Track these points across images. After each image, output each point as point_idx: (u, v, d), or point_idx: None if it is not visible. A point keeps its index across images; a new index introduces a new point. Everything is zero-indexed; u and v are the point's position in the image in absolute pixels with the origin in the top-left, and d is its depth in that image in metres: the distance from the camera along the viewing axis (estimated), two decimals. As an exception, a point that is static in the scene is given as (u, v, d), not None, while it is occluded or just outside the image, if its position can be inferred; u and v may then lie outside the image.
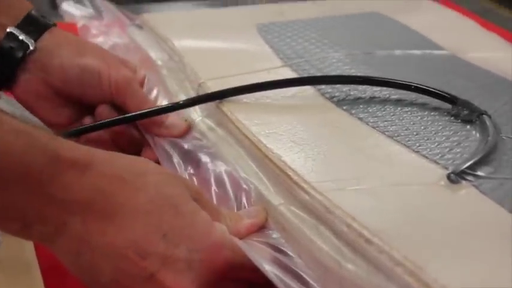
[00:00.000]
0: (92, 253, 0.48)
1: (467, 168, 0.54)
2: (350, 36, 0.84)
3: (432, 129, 0.62)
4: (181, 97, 0.72)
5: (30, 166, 0.45)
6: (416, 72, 0.74)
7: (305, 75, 0.73)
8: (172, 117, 0.68)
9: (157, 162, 0.64)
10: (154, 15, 0.87)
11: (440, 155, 0.57)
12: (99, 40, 0.86)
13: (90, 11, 0.94)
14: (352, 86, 0.69)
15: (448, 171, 0.54)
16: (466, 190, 0.53)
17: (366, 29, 0.87)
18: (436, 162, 0.56)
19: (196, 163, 0.64)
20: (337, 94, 0.68)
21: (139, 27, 0.87)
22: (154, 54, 0.80)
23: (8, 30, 0.68)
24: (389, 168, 0.56)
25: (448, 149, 0.58)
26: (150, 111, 0.67)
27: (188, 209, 0.51)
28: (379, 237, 0.46)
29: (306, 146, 0.59)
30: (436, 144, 0.59)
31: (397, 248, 0.45)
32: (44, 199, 0.46)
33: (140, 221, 0.49)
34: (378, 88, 0.68)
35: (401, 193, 0.53)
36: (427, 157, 0.57)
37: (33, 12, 0.70)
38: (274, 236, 0.54)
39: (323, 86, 0.69)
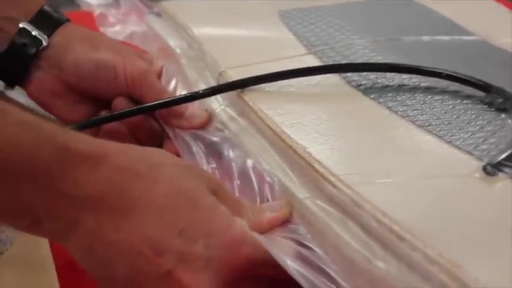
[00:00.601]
0: (106, 250, 0.46)
1: (504, 159, 0.51)
2: (375, 22, 0.81)
3: (465, 118, 0.58)
4: (201, 86, 0.69)
5: (38, 160, 0.43)
6: (446, 59, 0.71)
7: (330, 62, 0.70)
8: (193, 108, 0.66)
9: (178, 156, 0.62)
10: (174, 3, 0.84)
11: (474, 146, 0.54)
12: (117, 29, 0.84)
13: (107, -1, 0.91)
14: (380, 73, 0.66)
15: (483, 163, 0.51)
16: (503, 183, 0.50)
17: (392, 14, 0.84)
18: (470, 153, 0.53)
19: (219, 155, 0.62)
20: (364, 82, 0.65)
21: (158, 15, 0.84)
22: (173, 42, 0.77)
23: (20, 25, 0.66)
24: (421, 160, 0.53)
25: (482, 139, 0.55)
26: (169, 101, 0.65)
27: (206, 203, 0.48)
28: (411, 234, 0.44)
29: (332, 136, 0.56)
30: (470, 134, 0.56)
31: (432, 245, 0.42)
32: (54, 195, 0.44)
33: (155, 216, 0.47)
34: (407, 76, 0.65)
35: (434, 186, 0.50)
36: (460, 148, 0.54)
37: (46, 7, 0.68)
38: (299, 230, 0.52)
39: (349, 74, 0.67)
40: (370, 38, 0.75)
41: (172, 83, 0.72)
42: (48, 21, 0.67)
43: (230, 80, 0.65)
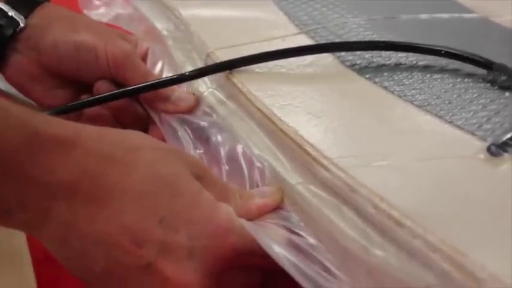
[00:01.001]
0: (81, 241, 0.43)
1: (510, 139, 0.48)
2: (371, 0, 0.77)
3: (466, 97, 0.55)
4: (188, 69, 0.65)
5: (6, 145, 0.40)
6: (445, 37, 0.67)
7: (323, 42, 0.66)
8: (179, 91, 0.63)
9: (165, 141, 0.59)
10: (160, -16, 0.80)
11: (477, 125, 0.51)
12: (101, 11, 0.81)
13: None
14: (375, 52, 0.62)
15: (487, 143, 0.48)
16: (509, 164, 0.47)
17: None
18: (472, 133, 0.50)
19: (206, 140, 0.58)
20: (358, 62, 0.62)
21: (144, -5, 0.80)
22: (160, 24, 0.74)
23: None
24: (420, 141, 0.50)
25: (485, 119, 0.52)
26: (154, 83, 0.62)
27: (188, 188, 0.45)
28: (411, 219, 0.40)
29: (325, 118, 0.53)
30: (472, 113, 0.53)
31: (433, 231, 0.39)
32: (23, 182, 0.41)
33: (133, 204, 0.43)
34: (404, 54, 0.62)
35: (435, 168, 0.46)
36: (462, 128, 0.51)
37: None
38: (291, 218, 0.48)
39: (343, 53, 0.63)
40: (365, 16, 0.71)
41: (158, 66, 0.69)
42: (25, 1, 0.63)
43: (218, 61, 0.62)
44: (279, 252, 0.43)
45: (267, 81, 0.59)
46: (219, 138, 0.57)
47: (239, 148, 0.55)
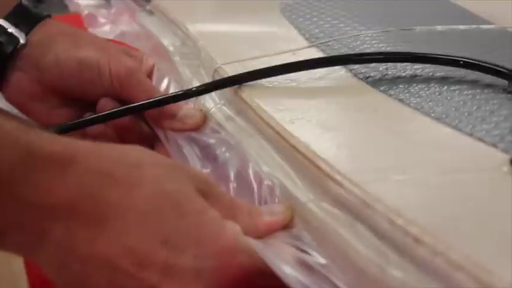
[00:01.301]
0: (81, 265, 0.41)
1: (534, 150, 0.45)
2: (384, 12, 0.75)
3: (487, 108, 0.52)
4: (196, 85, 0.63)
5: None
6: (462, 48, 0.64)
7: (335, 55, 0.63)
8: (186, 108, 0.60)
9: (171, 160, 0.56)
10: (167, 0, 0.78)
11: (499, 137, 0.48)
12: (106, 29, 0.79)
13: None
14: (390, 64, 0.60)
15: (510, 156, 0.45)
16: (534, 176, 0.43)
17: (401, 4, 0.78)
18: (494, 145, 0.47)
19: (214, 158, 0.56)
20: (372, 74, 0.59)
21: (150, 13, 0.79)
22: (166, 40, 0.72)
23: None
24: (439, 155, 0.47)
25: (508, 130, 0.49)
26: (159, 99, 0.59)
27: (194, 207, 0.42)
28: (431, 236, 0.37)
29: (339, 132, 0.51)
30: (493, 125, 0.50)
31: (456, 248, 0.36)
32: (18, 203, 0.39)
33: (136, 224, 0.41)
34: (420, 66, 0.59)
35: (456, 182, 0.43)
36: (483, 140, 0.48)
37: (23, 2, 0.62)
38: (302, 237, 0.45)
39: (355, 66, 0.60)
40: (378, 28, 0.69)
41: (165, 82, 0.66)
42: (26, 18, 0.61)
43: (226, 76, 0.60)
44: (289, 272, 0.40)
45: (277, 95, 0.57)
46: (227, 155, 0.55)
47: (248, 165, 0.52)
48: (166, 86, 0.66)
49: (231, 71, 0.60)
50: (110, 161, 0.42)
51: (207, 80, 0.63)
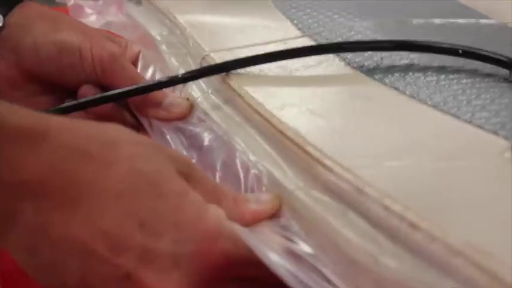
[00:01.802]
0: (52, 250, 0.38)
1: (538, 136, 0.42)
2: (379, 5, 0.72)
3: (487, 96, 0.50)
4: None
5: None
6: (461, 41, 0.61)
7: (328, 43, 0.61)
8: (172, 96, 0.58)
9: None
10: (155, -10, 0.76)
11: (500, 125, 0.45)
12: (92, 19, 0.76)
13: (85, -11, 0.84)
14: (385, 53, 0.57)
15: (512, 143, 0.43)
16: (537, 163, 0.41)
17: (400, -1, 0.75)
18: (495, 132, 0.45)
19: (199, 147, 0.53)
20: (366, 63, 0.57)
21: (138, 2, 0.76)
22: (153, 30, 0.69)
23: None
24: (436, 141, 0.44)
25: (509, 118, 0.46)
26: (143, 86, 0.57)
27: (173, 188, 0.39)
28: (428, 221, 0.35)
29: (330, 118, 0.48)
30: (494, 113, 0.47)
31: (454, 233, 0.33)
32: None
33: (111, 206, 0.38)
34: (416, 55, 0.57)
35: (454, 168, 0.41)
36: (483, 127, 0.45)
37: None
38: (290, 227, 0.43)
39: (349, 55, 0.58)
40: (373, 19, 0.66)
41: (150, 71, 0.64)
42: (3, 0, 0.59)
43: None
44: (276, 260, 0.38)
45: (267, 83, 0.55)
46: (214, 144, 0.53)
47: (235, 155, 0.50)
48: (151, 74, 0.64)
49: (219, 59, 0.58)
50: (85, 137, 0.39)
51: (194, 68, 0.60)
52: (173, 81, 0.57)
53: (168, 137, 0.56)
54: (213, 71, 0.56)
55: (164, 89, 0.57)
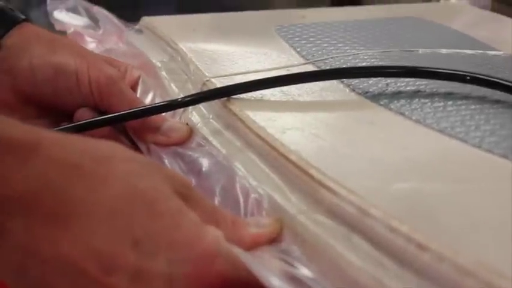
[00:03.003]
0: (41, 269, 0.36)
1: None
2: (385, 36, 0.72)
3: (496, 121, 0.49)
4: (182, 100, 0.59)
5: None
6: (469, 70, 0.60)
7: (332, 70, 0.60)
8: (171, 121, 0.56)
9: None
10: (156, 18, 0.76)
11: (510, 149, 0.44)
12: (91, 47, 0.75)
13: (85, 19, 0.83)
14: (391, 80, 0.56)
15: (525, 166, 0.41)
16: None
17: (404, 30, 0.75)
18: (505, 156, 0.43)
19: (198, 172, 0.52)
20: (371, 89, 0.56)
21: (139, 31, 0.75)
22: (154, 57, 0.68)
23: None
24: (443, 164, 0.43)
25: (519, 143, 0.45)
26: (142, 110, 0.56)
27: (169, 207, 0.38)
28: (437, 241, 0.33)
29: (334, 142, 0.48)
30: (503, 138, 0.46)
31: (464, 253, 0.32)
32: None
33: (103, 223, 0.36)
34: (423, 82, 0.56)
35: (463, 191, 0.40)
36: (492, 151, 0.44)
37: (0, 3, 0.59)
38: (292, 252, 0.41)
39: (353, 81, 0.57)
40: (379, 49, 0.66)
41: (149, 96, 0.63)
42: (1, 20, 0.58)
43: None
44: (278, 284, 0.36)
45: (269, 108, 0.54)
46: (212, 168, 0.51)
47: (234, 178, 0.48)
48: (151, 100, 0.62)
49: (220, 84, 0.57)
50: (77, 152, 0.38)
51: (195, 94, 0.59)
52: (173, 105, 0.56)
53: (166, 161, 0.55)
54: (214, 95, 0.56)
55: (163, 114, 0.56)
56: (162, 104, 0.56)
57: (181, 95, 0.61)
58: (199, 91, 0.58)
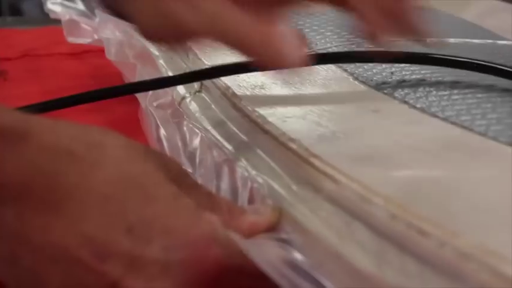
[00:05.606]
0: (33, 257, 0.37)
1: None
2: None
3: (503, 110, 0.49)
4: (181, 90, 0.60)
5: None
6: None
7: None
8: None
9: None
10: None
11: (517, 137, 0.45)
12: (86, 36, 0.76)
13: (81, 8, 0.84)
14: (395, 69, 0.57)
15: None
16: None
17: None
18: (510, 144, 0.44)
19: (196, 161, 0.53)
20: (375, 78, 0.57)
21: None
22: (152, 45, 0.69)
23: None
24: (447, 151, 0.44)
25: (527, 131, 0.46)
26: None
27: (163, 192, 0.39)
28: (438, 226, 0.34)
29: (335, 130, 0.48)
30: (510, 126, 0.47)
31: (465, 237, 0.32)
32: None
33: (96, 210, 0.37)
34: (428, 70, 0.57)
35: (466, 177, 0.40)
36: (498, 140, 0.45)
37: None
38: (290, 240, 0.42)
39: (357, 70, 0.58)
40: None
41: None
42: None
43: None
44: (278, 270, 0.37)
45: (270, 97, 0.55)
46: (212, 159, 0.52)
47: (233, 169, 0.49)
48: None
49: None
50: (68, 138, 0.39)
51: (194, 84, 0.60)
52: (169, 82, 0.56)
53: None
54: (212, 74, 0.56)
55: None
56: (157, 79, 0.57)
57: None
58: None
